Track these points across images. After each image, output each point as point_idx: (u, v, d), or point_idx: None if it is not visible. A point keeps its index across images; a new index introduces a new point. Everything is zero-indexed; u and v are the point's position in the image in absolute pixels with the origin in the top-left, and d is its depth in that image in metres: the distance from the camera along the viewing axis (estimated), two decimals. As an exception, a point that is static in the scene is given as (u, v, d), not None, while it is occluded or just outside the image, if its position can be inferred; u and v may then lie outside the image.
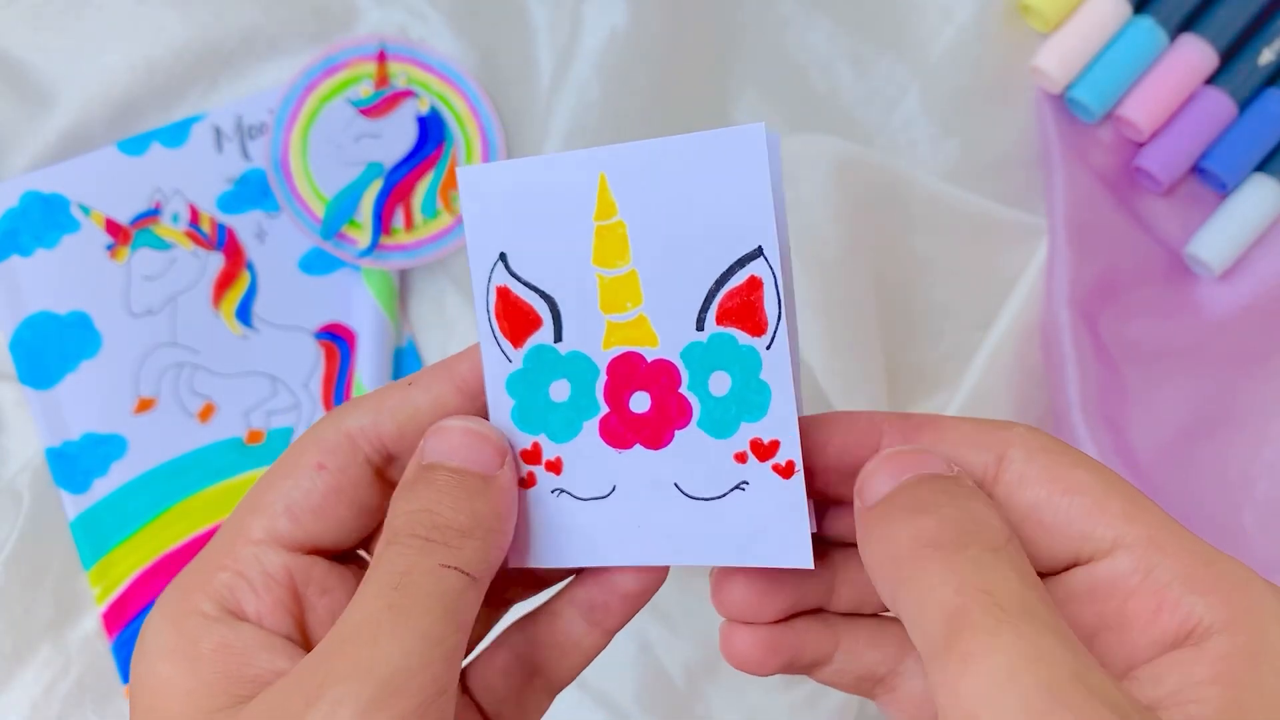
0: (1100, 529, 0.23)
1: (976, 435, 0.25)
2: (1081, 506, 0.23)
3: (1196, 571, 0.22)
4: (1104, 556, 0.23)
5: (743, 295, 0.25)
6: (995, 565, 0.21)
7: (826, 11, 0.49)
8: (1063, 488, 0.24)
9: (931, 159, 0.49)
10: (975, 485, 0.24)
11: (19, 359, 0.47)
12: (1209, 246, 0.48)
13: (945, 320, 0.48)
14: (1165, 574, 0.22)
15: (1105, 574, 0.23)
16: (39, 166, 0.48)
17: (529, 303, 0.26)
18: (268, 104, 0.48)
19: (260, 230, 0.48)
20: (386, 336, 0.47)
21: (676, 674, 0.46)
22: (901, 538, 0.22)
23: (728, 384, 0.25)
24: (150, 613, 0.25)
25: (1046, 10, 0.48)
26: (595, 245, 0.25)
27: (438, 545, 0.24)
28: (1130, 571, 0.23)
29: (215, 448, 0.47)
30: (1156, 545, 0.23)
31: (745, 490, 0.25)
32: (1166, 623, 0.22)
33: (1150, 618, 0.22)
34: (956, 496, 0.23)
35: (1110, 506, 0.23)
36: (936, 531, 0.22)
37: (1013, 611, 0.20)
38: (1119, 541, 0.23)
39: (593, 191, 0.25)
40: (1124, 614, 0.23)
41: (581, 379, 0.26)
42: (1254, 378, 0.48)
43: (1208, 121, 0.48)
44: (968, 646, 0.20)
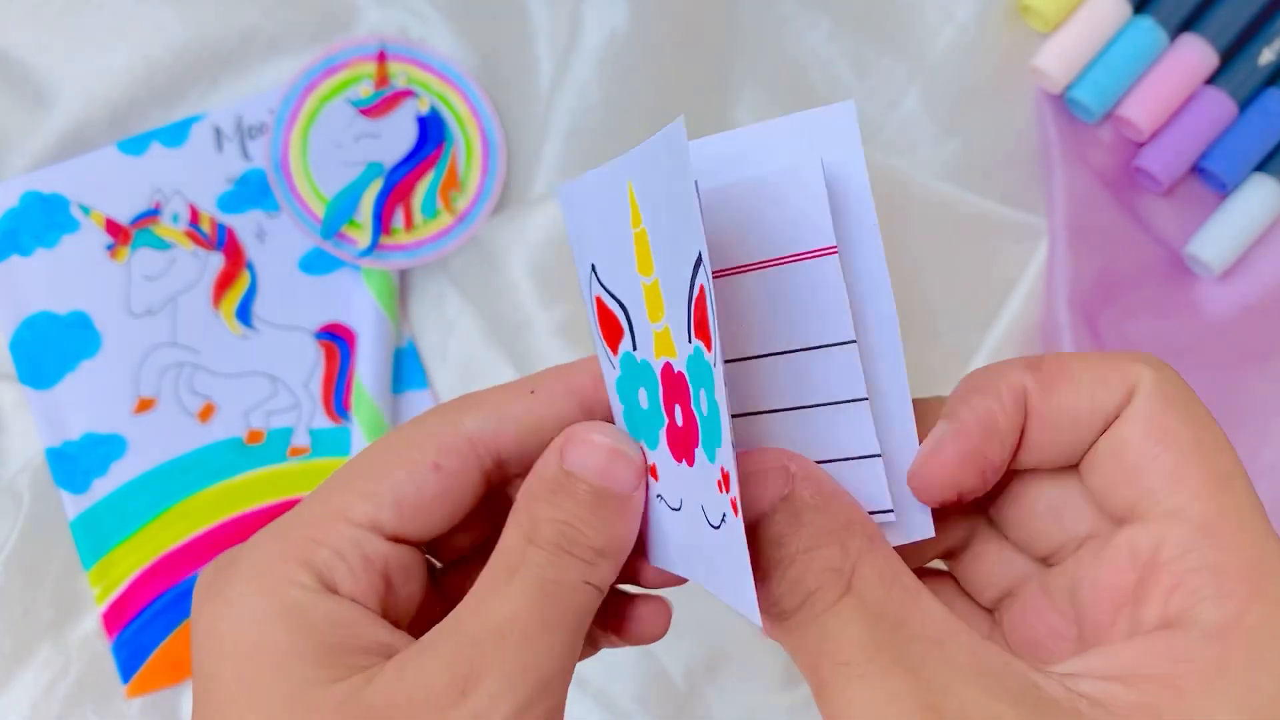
0: (1167, 492, 0.22)
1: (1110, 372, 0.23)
2: (1163, 463, 0.22)
3: (1230, 567, 0.21)
4: (1157, 521, 0.22)
5: (700, 306, 0.22)
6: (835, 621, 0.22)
7: (826, 11, 0.49)
8: (1156, 435, 0.23)
9: (931, 159, 0.49)
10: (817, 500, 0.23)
11: (19, 359, 0.47)
12: (1209, 246, 0.48)
13: (945, 320, 0.48)
14: (1198, 559, 0.21)
15: (1147, 540, 0.22)
16: (39, 166, 0.48)
17: (614, 311, 0.25)
18: (268, 104, 0.48)
19: (260, 230, 0.48)
20: (386, 336, 0.47)
21: (676, 674, 0.46)
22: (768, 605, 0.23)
23: (705, 403, 0.23)
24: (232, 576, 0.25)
25: (1046, 10, 0.48)
26: (636, 253, 0.24)
27: (579, 562, 0.24)
28: (1171, 544, 0.22)
29: (215, 448, 0.47)
30: (1206, 529, 0.22)
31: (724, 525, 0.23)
32: (1174, 604, 0.21)
33: (1165, 594, 0.22)
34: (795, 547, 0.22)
35: (1191, 474, 0.22)
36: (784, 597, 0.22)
37: (856, 665, 0.21)
38: (1177, 511, 0.22)
39: (627, 199, 0.24)
40: (1148, 582, 0.22)
41: (652, 388, 0.25)
42: (1254, 378, 0.48)
43: (1208, 121, 0.48)
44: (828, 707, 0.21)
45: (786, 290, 0.23)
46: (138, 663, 0.45)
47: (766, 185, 0.23)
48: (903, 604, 0.22)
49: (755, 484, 0.23)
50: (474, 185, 0.48)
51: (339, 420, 0.47)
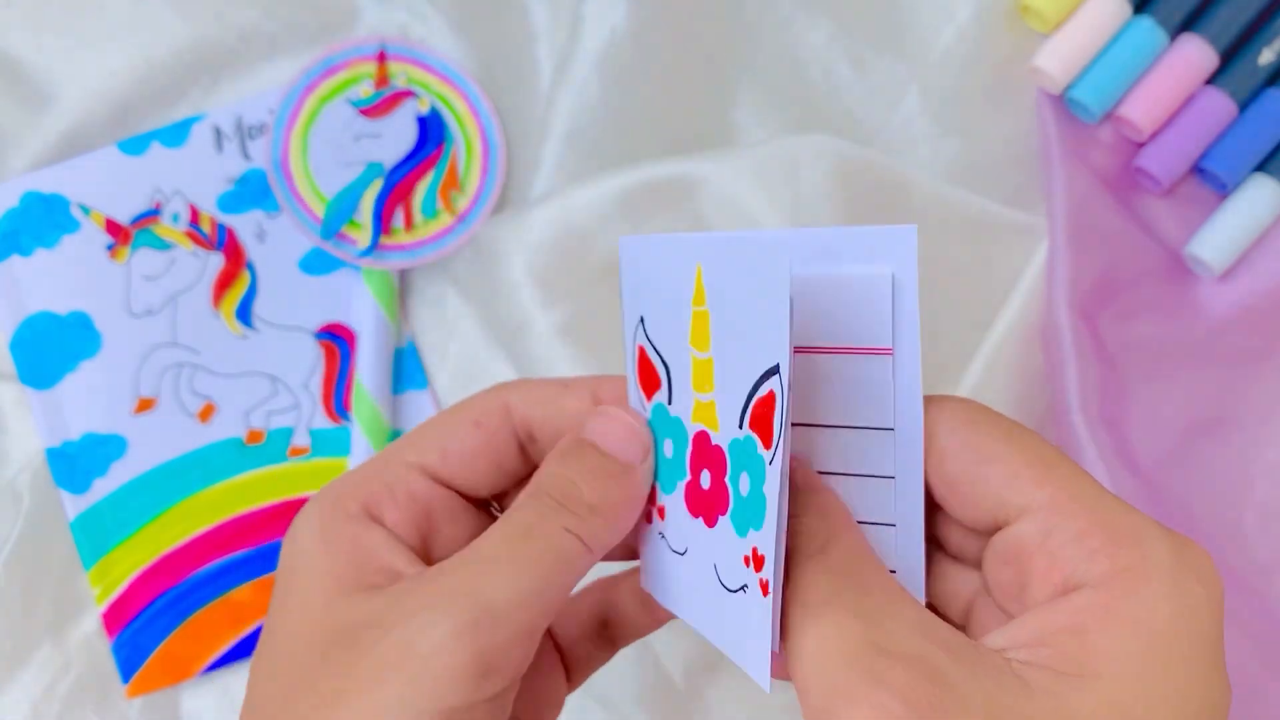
0: (1011, 495, 0.25)
1: None
2: (997, 475, 0.25)
3: (1091, 530, 0.24)
4: (1015, 520, 0.25)
5: (764, 406, 0.25)
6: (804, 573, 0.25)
7: (827, 11, 0.49)
8: (980, 458, 0.25)
9: (931, 159, 0.49)
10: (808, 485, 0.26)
11: (19, 359, 0.47)
12: (1209, 246, 0.48)
13: (945, 320, 0.48)
14: (1061, 534, 0.24)
15: (1015, 537, 0.25)
16: (39, 166, 0.48)
17: (655, 365, 0.28)
18: (268, 104, 0.48)
19: (260, 230, 0.48)
20: (386, 336, 0.47)
21: (676, 674, 0.46)
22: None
23: (747, 486, 0.26)
24: (303, 510, 0.29)
25: (1046, 10, 0.48)
26: (692, 327, 0.27)
27: (567, 512, 0.27)
28: (1033, 533, 0.24)
29: (215, 448, 0.47)
30: (1058, 508, 0.24)
31: (745, 593, 0.26)
32: (1055, 579, 0.24)
33: (1044, 575, 0.24)
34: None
35: (1022, 474, 0.25)
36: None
37: (814, 606, 0.24)
38: (1026, 506, 0.25)
39: (692, 277, 0.26)
40: (1029, 573, 0.25)
41: (679, 443, 0.28)
42: (1254, 378, 0.48)
43: (1208, 121, 0.48)
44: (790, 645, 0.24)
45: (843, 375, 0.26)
46: (138, 663, 0.45)
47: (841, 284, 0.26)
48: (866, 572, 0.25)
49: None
50: (474, 185, 0.48)
51: (339, 420, 0.47)
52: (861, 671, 0.22)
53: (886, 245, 0.25)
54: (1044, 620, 0.23)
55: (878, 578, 0.25)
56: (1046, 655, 0.23)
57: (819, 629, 0.23)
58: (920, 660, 0.22)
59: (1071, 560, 0.24)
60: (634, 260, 0.28)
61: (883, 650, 0.22)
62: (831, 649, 0.23)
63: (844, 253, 0.26)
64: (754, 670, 0.26)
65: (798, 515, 0.26)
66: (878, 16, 0.49)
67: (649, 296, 0.28)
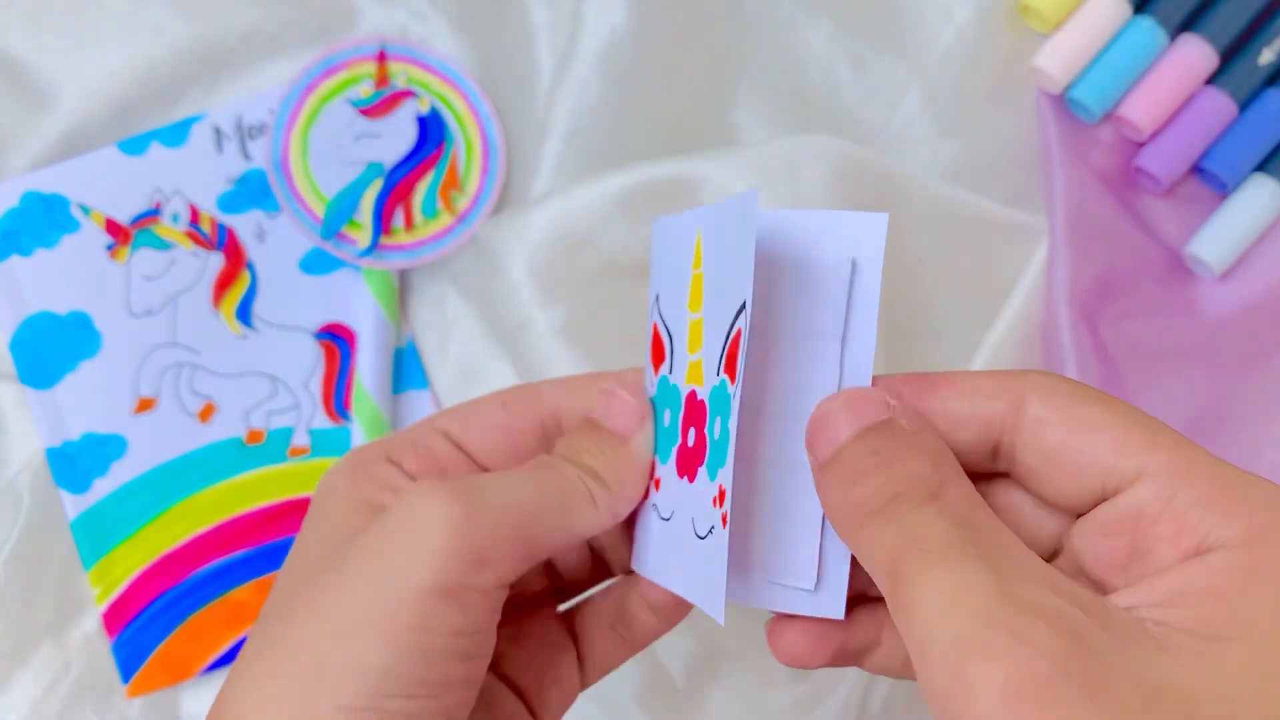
0: (1122, 461, 0.24)
1: (991, 386, 0.26)
2: (1102, 442, 0.24)
3: (1216, 494, 0.23)
4: (1128, 487, 0.24)
5: (734, 345, 0.26)
6: (921, 517, 0.23)
7: (826, 11, 0.49)
8: (1081, 426, 0.24)
9: (931, 159, 0.49)
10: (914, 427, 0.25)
11: (19, 359, 0.47)
12: (1209, 246, 0.48)
13: (945, 320, 0.48)
14: (1185, 498, 0.23)
15: (1130, 504, 0.24)
16: (39, 166, 0.48)
17: (663, 338, 0.30)
18: (268, 104, 0.48)
19: (260, 230, 0.48)
20: (386, 336, 0.47)
21: (677, 674, 0.46)
22: (846, 507, 0.25)
23: (719, 429, 0.26)
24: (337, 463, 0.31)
25: (1046, 10, 0.48)
26: (689, 291, 0.28)
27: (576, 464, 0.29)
28: (1153, 499, 0.23)
29: (215, 448, 0.47)
30: (1178, 472, 0.23)
31: (714, 534, 0.26)
32: (1186, 543, 0.23)
33: (1172, 541, 0.23)
34: (891, 456, 0.24)
35: (1130, 439, 0.24)
36: (872, 498, 0.24)
37: (937, 553, 0.22)
38: (1141, 471, 0.24)
39: (693, 244, 0.28)
40: (1149, 540, 0.23)
41: (675, 410, 0.29)
42: (1254, 378, 0.48)
43: (1208, 121, 0.48)
44: (906, 594, 0.22)
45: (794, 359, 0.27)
46: (138, 663, 0.45)
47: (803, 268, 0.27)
48: (985, 519, 0.23)
49: (859, 405, 0.25)
50: (474, 185, 0.48)
51: (339, 420, 0.47)
52: (999, 626, 0.21)
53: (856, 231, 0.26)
54: (1178, 581, 0.22)
55: (1000, 531, 0.23)
56: (1183, 616, 0.21)
57: (945, 576, 0.22)
58: (1059, 617, 0.21)
59: (1202, 523, 0.22)
60: (660, 240, 0.30)
61: (1021, 606, 0.21)
62: (961, 601, 0.21)
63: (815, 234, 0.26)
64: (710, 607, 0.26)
65: (904, 459, 0.24)
66: (878, 16, 0.49)
67: (664, 272, 0.30)
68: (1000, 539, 0.23)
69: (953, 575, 0.22)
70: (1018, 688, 0.20)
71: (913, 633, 0.22)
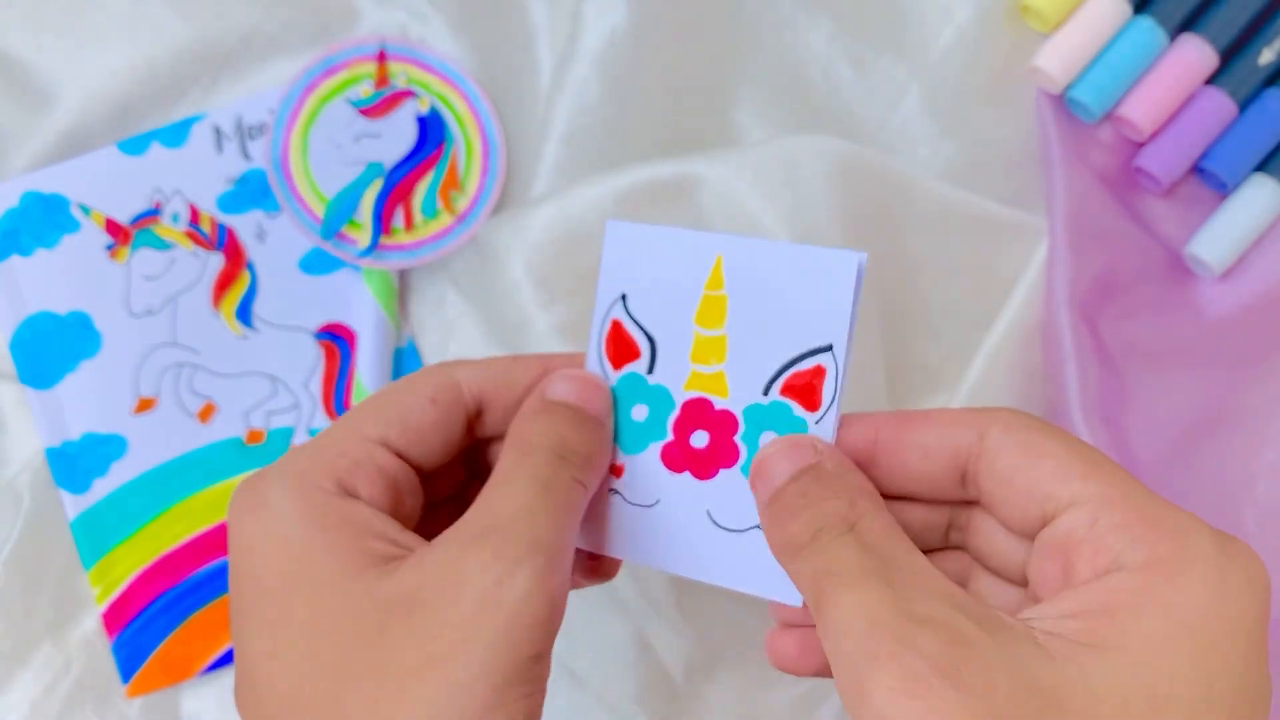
0: (1060, 488, 0.26)
1: (962, 418, 0.28)
2: (1046, 469, 0.27)
3: (1134, 520, 0.25)
4: (1063, 512, 0.26)
5: (807, 378, 0.30)
6: (836, 548, 0.26)
7: (826, 11, 0.49)
8: (1032, 454, 0.27)
9: (931, 159, 0.49)
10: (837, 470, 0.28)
11: (19, 359, 0.47)
12: (1209, 246, 0.48)
13: (945, 320, 0.48)
14: (1107, 523, 0.25)
15: (1064, 528, 0.26)
16: (39, 166, 0.48)
17: (634, 338, 0.32)
18: (268, 104, 0.48)
19: (260, 230, 0.48)
20: (386, 336, 0.47)
21: (676, 674, 0.46)
22: (782, 543, 0.28)
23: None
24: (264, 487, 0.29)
25: (1046, 10, 0.48)
26: (700, 308, 0.31)
27: (569, 463, 0.29)
28: (1080, 524, 0.26)
29: (215, 448, 0.47)
30: (1106, 500, 0.26)
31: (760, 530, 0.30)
32: (1099, 564, 0.25)
33: (1089, 560, 0.25)
34: (815, 496, 0.27)
35: (1071, 469, 0.26)
36: (799, 533, 0.27)
37: (845, 577, 0.25)
38: (1075, 498, 0.26)
39: (709, 266, 0.31)
40: (1075, 561, 0.26)
41: (658, 408, 0.32)
42: (1254, 378, 0.48)
43: (1208, 121, 0.48)
44: (823, 614, 0.25)
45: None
46: (138, 663, 0.45)
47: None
48: (894, 547, 0.26)
49: (790, 454, 0.28)
50: (474, 185, 0.48)
51: (339, 420, 0.47)
52: (890, 636, 0.23)
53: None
54: (1077, 598, 0.24)
55: (908, 556, 0.26)
56: (1073, 628, 0.24)
57: (850, 598, 0.25)
58: (947, 626, 0.23)
59: (1114, 547, 0.25)
60: (624, 243, 0.32)
61: (911, 617, 0.24)
62: (861, 616, 0.24)
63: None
64: (782, 593, 0.30)
65: (826, 499, 0.27)
66: (878, 16, 0.49)
67: (638, 277, 0.32)
68: (906, 563, 0.26)
69: (856, 595, 0.25)
70: (901, 686, 0.23)
71: (828, 646, 0.25)
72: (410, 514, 0.31)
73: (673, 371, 0.31)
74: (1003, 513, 0.28)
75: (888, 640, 0.23)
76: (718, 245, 0.31)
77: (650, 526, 0.32)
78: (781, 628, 0.31)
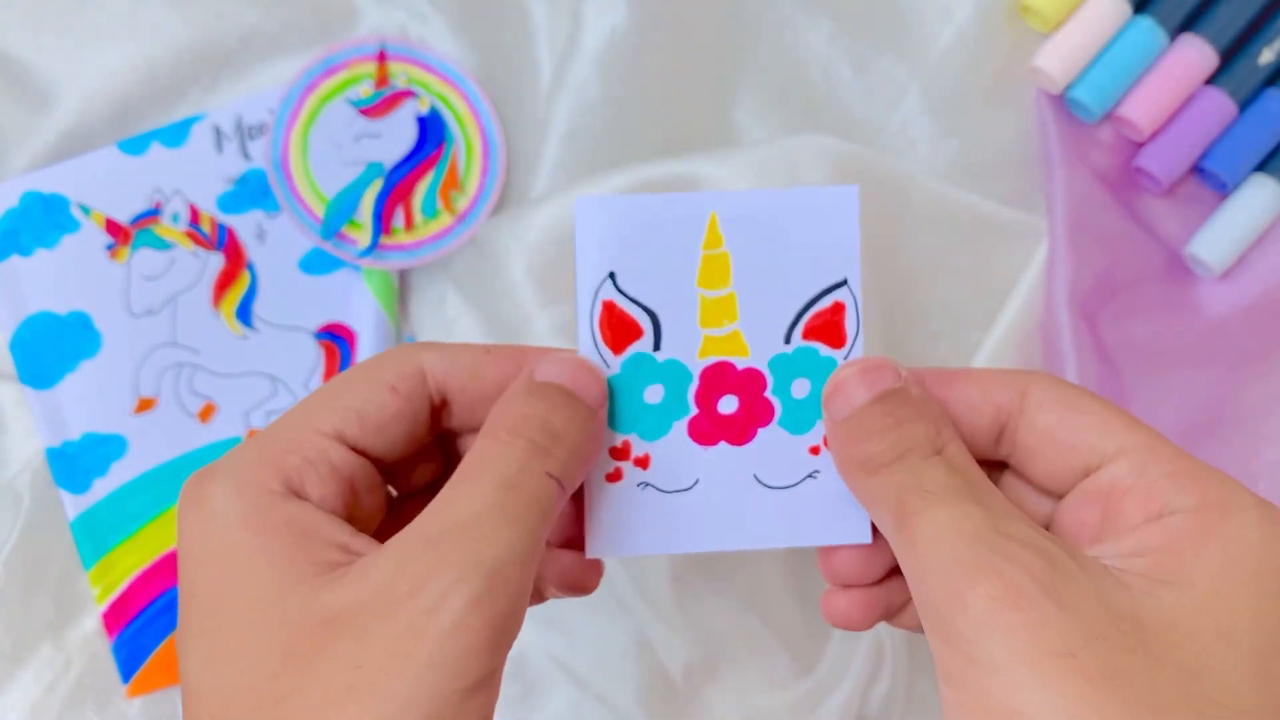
0: (1105, 441, 0.27)
1: (1004, 378, 0.29)
2: (1089, 424, 0.27)
3: (1181, 470, 0.26)
4: (1108, 463, 0.27)
5: (827, 316, 0.30)
6: (926, 466, 0.27)
7: (827, 11, 0.49)
8: (1073, 410, 0.28)
9: (931, 159, 0.49)
10: (921, 395, 0.28)
11: (19, 359, 0.47)
12: (1209, 246, 0.48)
13: (945, 320, 0.48)
14: (1154, 472, 0.26)
15: (1108, 477, 0.27)
16: (39, 166, 0.48)
17: (632, 316, 0.30)
18: (268, 104, 0.48)
19: (260, 230, 0.48)
20: (386, 336, 0.47)
21: (676, 674, 0.46)
22: (860, 459, 0.28)
23: (807, 388, 0.30)
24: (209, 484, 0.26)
25: (1046, 10, 0.48)
26: (701, 270, 0.30)
27: (544, 453, 0.27)
28: (1127, 473, 0.27)
29: (215, 448, 0.47)
30: (1151, 451, 0.27)
31: (816, 479, 0.31)
32: (1151, 509, 0.26)
33: (1140, 506, 0.26)
34: (902, 418, 0.28)
35: (1114, 423, 0.27)
36: (884, 452, 0.27)
37: (937, 492, 0.26)
38: (1120, 449, 0.27)
39: (703, 225, 0.30)
40: (1122, 508, 0.27)
41: (675, 384, 0.31)
42: (1254, 378, 0.48)
43: (1208, 121, 0.48)
44: (908, 526, 0.26)
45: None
46: (138, 663, 0.45)
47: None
48: (978, 474, 0.27)
49: (874, 373, 0.29)
50: (474, 185, 0.48)
51: (339, 420, 0.47)
52: (988, 548, 0.24)
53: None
54: (1140, 538, 0.25)
55: (986, 480, 0.27)
56: (1142, 565, 0.25)
57: (943, 512, 0.25)
58: (1041, 548, 0.24)
59: (1166, 492, 0.26)
60: (600, 219, 0.30)
61: (1006, 534, 0.25)
62: (957, 529, 0.25)
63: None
64: (850, 533, 0.31)
65: (914, 421, 0.28)
66: (878, 16, 0.49)
67: (624, 252, 0.30)
68: (991, 489, 0.27)
69: (950, 511, 0.25)
70: (1002, 596, 0.24)
71: (915, 557, 0.26)
72: (370, 513, 0.29)
73: (683, 342, 0.31)
74: (1039, 467, 0.29)
75: (986, 552, 0.24)
76: (709, 203, 0.30)
77: (693, 510, 0.31)
78: (833, 591, 0.31)
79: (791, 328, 0.30)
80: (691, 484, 0.31)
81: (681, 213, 0.30)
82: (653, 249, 0.30)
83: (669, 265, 0.30)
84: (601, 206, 0.30)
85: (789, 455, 0.31)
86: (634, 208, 0.30)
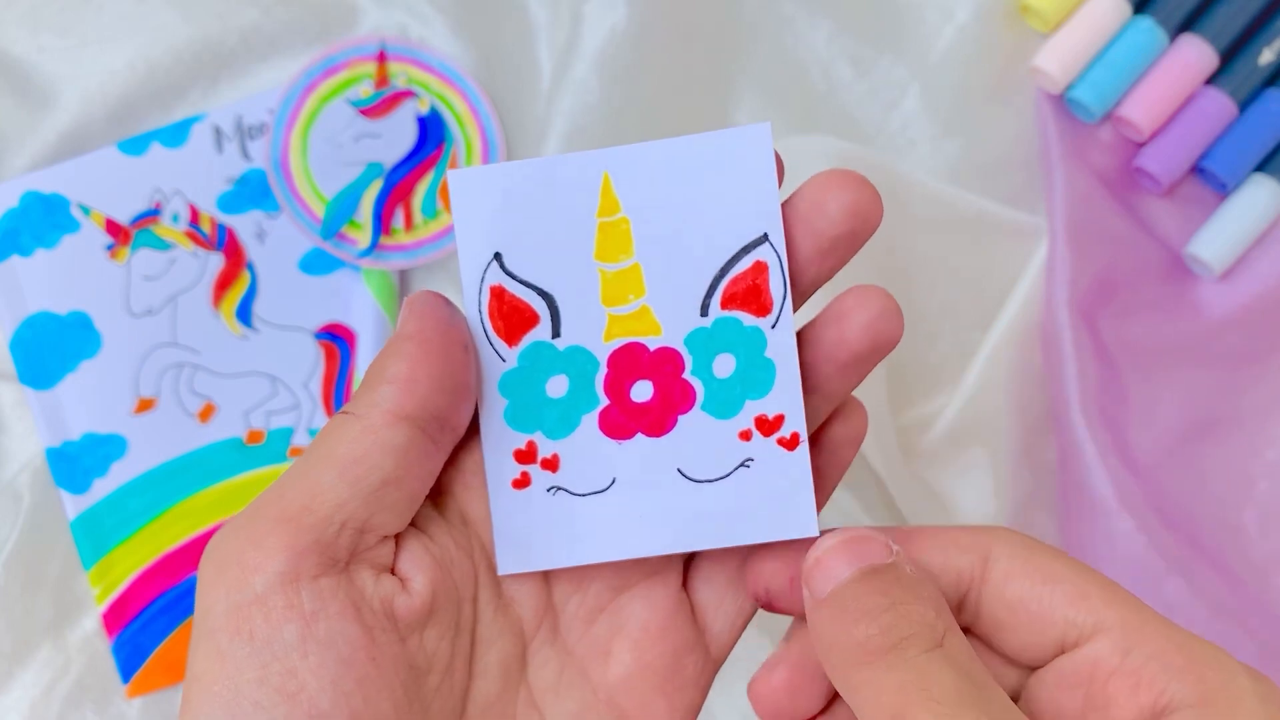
0: (1081, 615, 0.25)
1: (961, 540, 0.27)
2: (1063, 594, 0.25)
3: (1171, 652, 0.24)
4: (1086, 641, 0.25)
5: (748, 280, 0.26)
6: (930, 665, 0.23)
7: (827, 12, 0.49)
8: (1043, 578, 0.25)
9: (931, 159, 0.49)
10: (916, 573, 0.25)
11: (19, 359, 0.47)
12: (1209, 246, 0.48)
13: (945, 320, 0.48)
14: (1141, 655, 0.24)
15: (1088, 657, 0.25)
16: (39, 166, 0.48)
17: (525, 300, 0.27)
18: (268, 104, 0.48)
19: (260, 230, 0.48)
20: (386, 337, 0.47)
21: (676, 674, 0.46)
22: (848, 644, 0.24)
23: (732, 365, 0.27)
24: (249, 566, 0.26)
25: (1046, 10, 0.48)
26: (598, 241, 0.27)
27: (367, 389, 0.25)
28: (1110, 653, 0.24)
29: (215, 448, 0.47)
30: (1133, 628, 0.24)
31: (750, 467, 0.27)
32: (1143, 700, 0.24)
33: (1129, 696, 0.24)
34: (897, 598, 0.24)
35: (1089, 593, 0.25)
36: (879, 639, 0.24)
37: (948, 705, 0.23)
38: (1099, 626, 0.25)
39: (595, 190, 0.27)
40: (1106, 694, 0.24)
41: (580, 373, 0.27)
42: (1254, 378, 0.48)
43: (1208, 121, 0.48)
44: None
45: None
46: (138, 663, 0.45)
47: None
48: (980, 672, 0.24)
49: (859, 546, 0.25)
50: (474, 185, 0.48)
51: (339, 420, 0.47)
52: None
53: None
54: None
55: (988, 678, 0.24)
56: None
57: None
58: None
59: (1157, 679, 0.24)
60: (478, 193, 0.27)
61: None
62: None
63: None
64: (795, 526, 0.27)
65: (910, 604, 0.24)
66: (878, 16, 0.49)
67: (508, 228, 0.27)
68: (996, 693, 0.24)
69: None
70: None
71: None
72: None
73: (585, 325, 0.27)
74: (1009, 641, 0.26)
75: None
76: (599, 162, 0.27)
77: (612, 514, 0.27)
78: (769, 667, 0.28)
79: (708, 297, 0.27)
80: (608, 484, 0.27)
81: (569, 177, 0.27)
82: (541, 222, 0.27)
83: (561, 239, 0.27)
84: (478, 177, 0.27)
85: (716, 443, 0.27)
86: (515, 176, 0.27)
